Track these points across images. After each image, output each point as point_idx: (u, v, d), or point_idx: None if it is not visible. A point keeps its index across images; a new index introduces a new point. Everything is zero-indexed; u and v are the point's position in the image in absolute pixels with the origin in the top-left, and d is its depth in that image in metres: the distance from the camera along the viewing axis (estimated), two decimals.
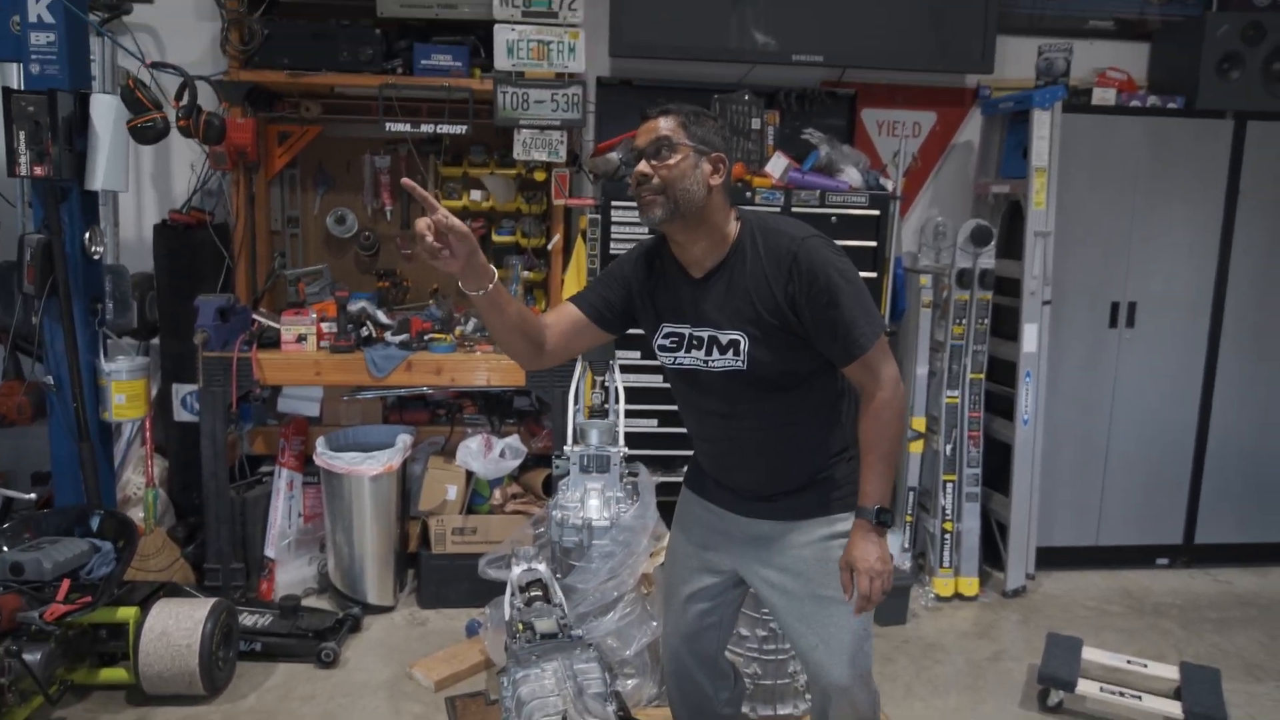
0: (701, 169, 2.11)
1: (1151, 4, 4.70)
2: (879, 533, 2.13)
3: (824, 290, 2.05)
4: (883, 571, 2.11)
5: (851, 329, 2.06)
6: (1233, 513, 4.69)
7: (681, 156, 2.09)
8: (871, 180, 4.11)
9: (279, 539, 3.97)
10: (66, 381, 3.54)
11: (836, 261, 2.08)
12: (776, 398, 2.20)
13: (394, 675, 3.46)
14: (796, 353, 2.15)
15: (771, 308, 2.11)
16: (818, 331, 2.09)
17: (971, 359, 4.28)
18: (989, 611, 4.20)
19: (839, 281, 2.05)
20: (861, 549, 2.13)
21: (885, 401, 2.11)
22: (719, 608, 2.46)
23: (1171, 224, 4.43)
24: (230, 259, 4.13)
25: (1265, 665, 3.79)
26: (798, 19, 4.17)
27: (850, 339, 2.07)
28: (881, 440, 2.12)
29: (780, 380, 2.18)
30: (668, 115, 2.13)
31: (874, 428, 2.13)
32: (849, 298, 2.06)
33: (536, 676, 2.40)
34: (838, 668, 2.24)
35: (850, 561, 2.14)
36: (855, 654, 2.25)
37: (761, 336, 2.13)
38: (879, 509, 2.12)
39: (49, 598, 3.03)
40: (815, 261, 2.07)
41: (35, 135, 3.31)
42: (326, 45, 3.87)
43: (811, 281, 2.06)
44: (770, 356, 2.15)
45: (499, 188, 4.27)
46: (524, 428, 4.28)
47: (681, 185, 2.08)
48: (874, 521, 2.12)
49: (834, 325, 2.07)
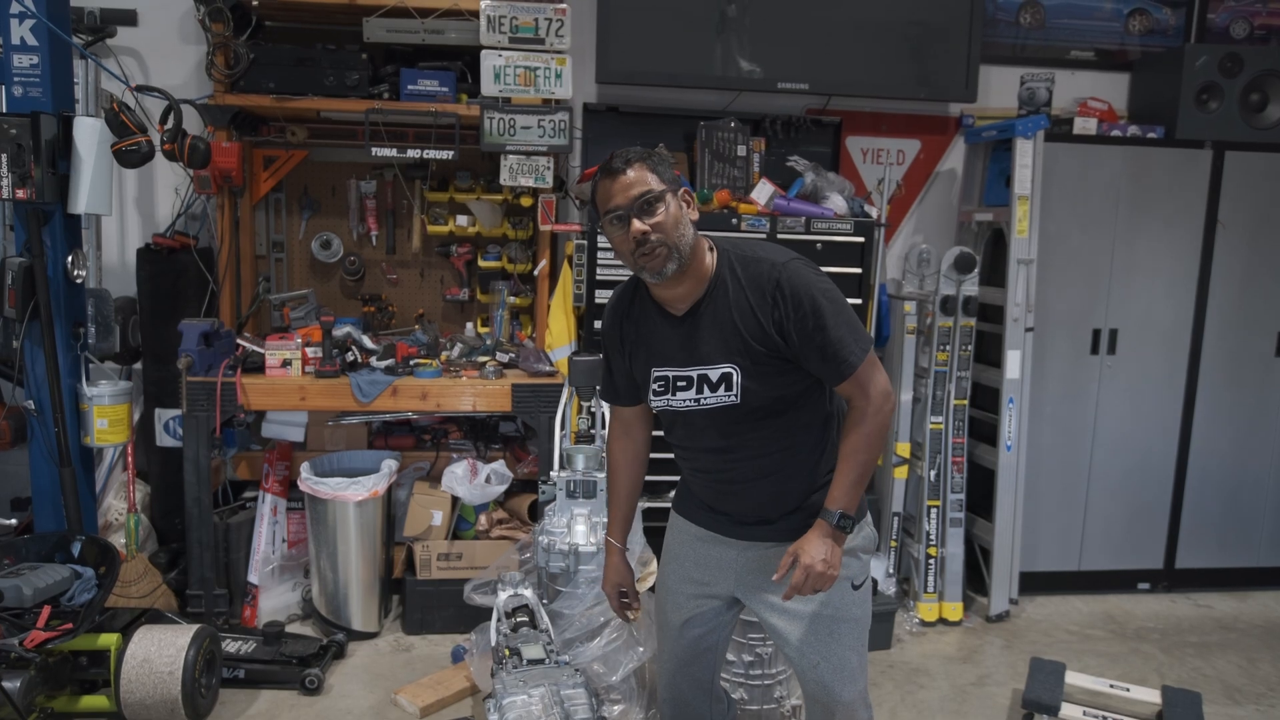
0: (683, 209, 2.14)
1: (1132, 35, 4.78)
2: (836, 536, 2.15)
3: (810, 314, 2.08)
4: (822, 574, 2.12)
5: (840, 349, 2.09)
6: (1212, 538, 4.73)
7: (667, 205, 2.10)
8: (856, 207, 4.15)
9: (263, 565, 3.94)
10: (48, 406, 3.51)
11: (819, 283, 2.11)
12: (770, 424, 2.22)
13: (379, 702, 3.43)
14: (786, 377, 2.17)
15: (760, 336, 2.12)
16: (807, 354, 2.12)
17: (955, 385, 4.30)
18: (973, 636, 4.21)
19: (823, 303, 2.08)
20: (812, 544, 2.14)
21: (870, 412, 2.14)
22: (714, 631, 2.45)
23: (1152, 252, 4.48)
24: (214, 283, 4.12)
25: (1245, 689, 3.81)
26: (783, 47, 4.21)
27: (840, 359, 2.10)
28: (859, 449, 2.15)
29: (773, 406, 2.19)
30: (633, 165, 2.10)
31: (855, 436, 2.16)
32: (834, 318, 2.08)
33: (523, 703, 2.41)
34: (840, 685, 2.28)
35: (797, 551, 2.16)
36: (857, 672, 2.29)
37: (752, 367, 2.15)
38: (841, 514, 2.14)
39: (29, 624, 2.99)
40: (798, 285, 2.09)
41: (18, 158, 3.29)
42: (312, 70, 3.87)
43: (797, 306, 2.08)
44: (761, 385, 2.16)
45: (485, 213, 4.28)
46: (510, 453, 4.27)
47: (678, 233, 2.09)
48: (833, 524, 2.15)
49: (823, 347, 2.09)
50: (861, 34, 4.27)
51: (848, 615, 2.29)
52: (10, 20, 3.31)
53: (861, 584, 2.32)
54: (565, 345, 4.03)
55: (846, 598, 2.28)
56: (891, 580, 4.25)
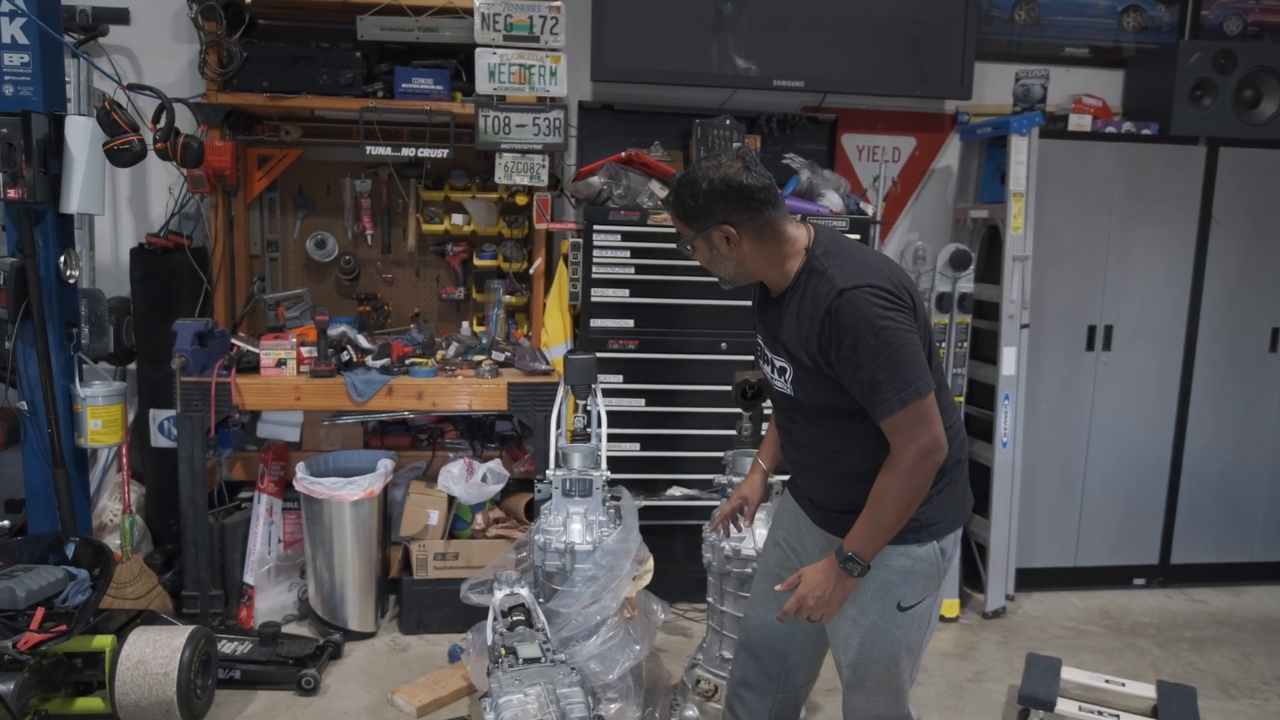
0: (717, 249, 2.16)
1: (1126, 32, 4.78)
2: (841, 575, 2.12)
3: (851, 349, 2.01)
4: (814, 607, 2.14)
5: (875, 392, 2.01)
6: (1207, 533, 4.74)
7: (696, 249, 2.20)
8: (852, 204, 4.15)
9: (258, 565, 3.93)
10: (41, 407, 3.49)
11: (874, 319, 2.00)
12: (825, 423, 2.21)
13: (375, 702, 3.42)
14: (832, 393, 2.13)
15: (809, 351, 2.11)
16: (848, 385, 2.07)
17: (951, 382, 4.30)
18: (969, 633, 4.22)
19: (870, 341, 1.99)
20: (815, 575, 2.15)
21: (897, 469, 2.05)
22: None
23: (1146, 248, 4.49)
24: (209, 283, 4.11)
25: (1239, 683, 3.82)
26: (779, 45, 4.21)
27: (873, 402, 2.03)
28: (883, 497, 2.07)
29: (827, 409, 2.18)
30: (669, 209, 2.23)
31: (881, 481, 2.08)
32: (877, 359, 1.99)
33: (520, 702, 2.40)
34: (861, 696, 2.30)
35: (801, 575, 2.18)
36: (883, 686, 2.28)
37: (801, 373, 2.16)
38: (850, 556, 2.10)
39: (23, 626, 2.97)
40: (848, 318, 2.01)
41: (9, 157, 3.26)
42: (306, 68, 3.85)
43: (840, 338, 2.02)
44: (810, 391, 2.17)
45: (481, 212, 4.27)
46: (506, 452, 4.27)
47: (714, 269, 2.22)
48: (841, 563, 2.11)
49: (861, 385, 2.04)
50: (857, 31, 4.27)
51: (886, 634, 2.24)
52: (1, 19, 3.28)
53: (911, 606, 2.23)
54: (561, 344, 4.02)
55: (889, 616, 2.22)
56: None
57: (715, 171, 2.11)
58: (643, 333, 3.97)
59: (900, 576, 2.19)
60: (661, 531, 3.85)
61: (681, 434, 4.03)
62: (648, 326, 3.98)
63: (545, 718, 2.32)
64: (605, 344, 3.95)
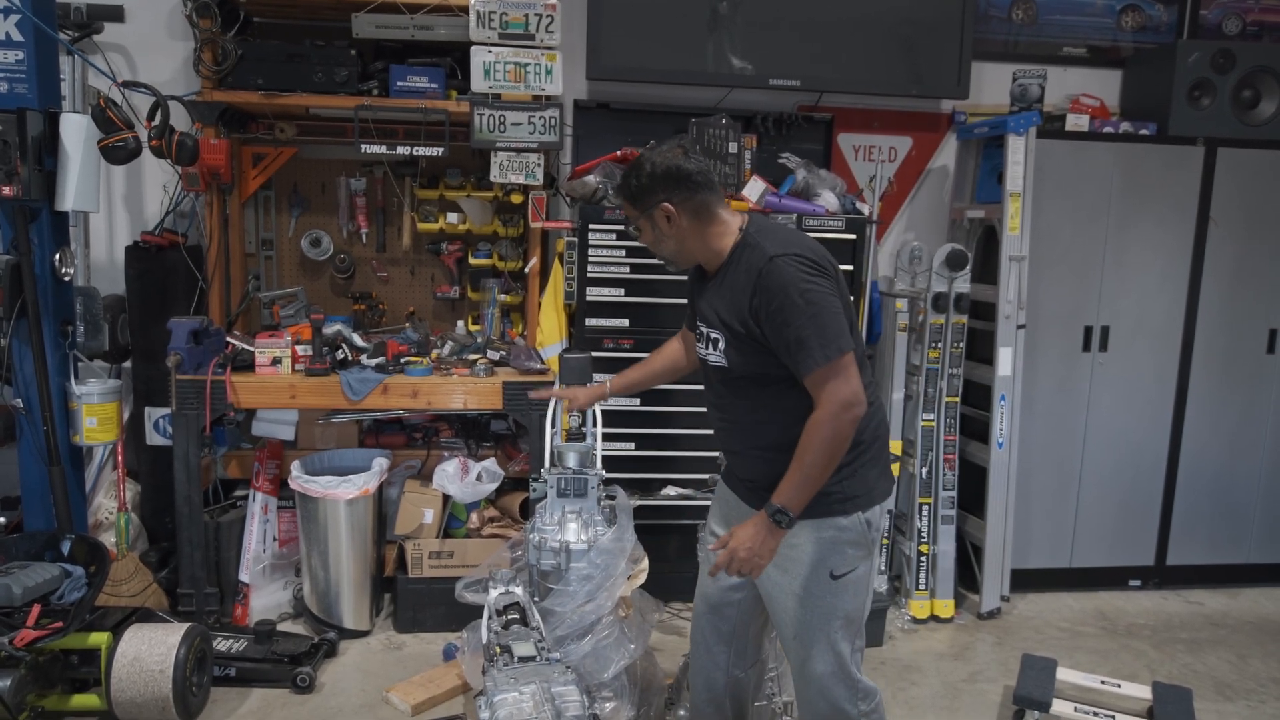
0: (659, 227, 2.40)
1: (1124, 31, 4.78)
2: (771, 529, 2.26)
3: (779, 309, 2.21)
4: (745, 559, 2.27)
5: (801, 349, 2.19)
6: (1203, 534, 4.74)
7: (643, 230, 2.45)
8: (848, 204, 4.14)
9: (254, 563, 3.93)
10: (36, 404, 3.49)
11: (799, 282, 2.21)
12: (752, 394, 2.39)
13: (370, 700, 3.42)
14: (761, 357, 2.31)
15: (740, 318, 2.30)
16: (776, 346, 2.25)
17: (947, 383, 4.30)
18: (964, 633, 4.22)
19: (797, 302, 2.19)
20: (745, 530, 2.30)
21: (820, 420, 2.21)
22: (737, 589, 2.65)
23: (1143, 249, 4.48)
24: (204, 281, 4.11)
25: (1235, 685, 3.82)
26: (775, 44, 4.20)
27: (799, 358, 2.21)
28: (805, 450, 2.23)
29: (756, 378, 2.36)
30: (618, 193, 2.50)
31: (805, 436, 2.24)
32: (803, 318, 2.19)
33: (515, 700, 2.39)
34: (809, 661, 2.46)
35: (731, 533, 2.33)
36: (827, 652, 2.44)
37: (733, 339, 2.35)
38: (779, 509, 2.24)
39: (19, 623, 2.98)
40: (776, 281, 2.22)
41: (4, 155, 3.25)
42: (301, 66, 3.84)
43: (769, 300, 2.22)
44: (741, 358, 2.35)
45: (476, 210, 4.26)
46: (501, 451, 4.26)
47: (658, 248, 2.46)
48: (770, 516, 2.25)
49: (787, 344, 2.22)
50: (853, 31, 4.26)
51: (822, 602, 2.41)
52: None
53: (843, 575, 2.41)
54: (556, 343, 4.02)
55: (823, 585, 2.40)
56: (883, 577, 4.25)
57: (658, 157, 2.39)
58: (638, 332, 3.96)
59: (830, 547, 2.38)
60: (656, 531, 3.85)
61: (676, 433, 4.03)
62: (643, 326, 3.97)
63: (540, 716, 2.32)
64: (600, 343, 3.95)
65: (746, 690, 2.86)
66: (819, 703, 2.50)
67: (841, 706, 2.49)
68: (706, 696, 2.81)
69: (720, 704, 2.80)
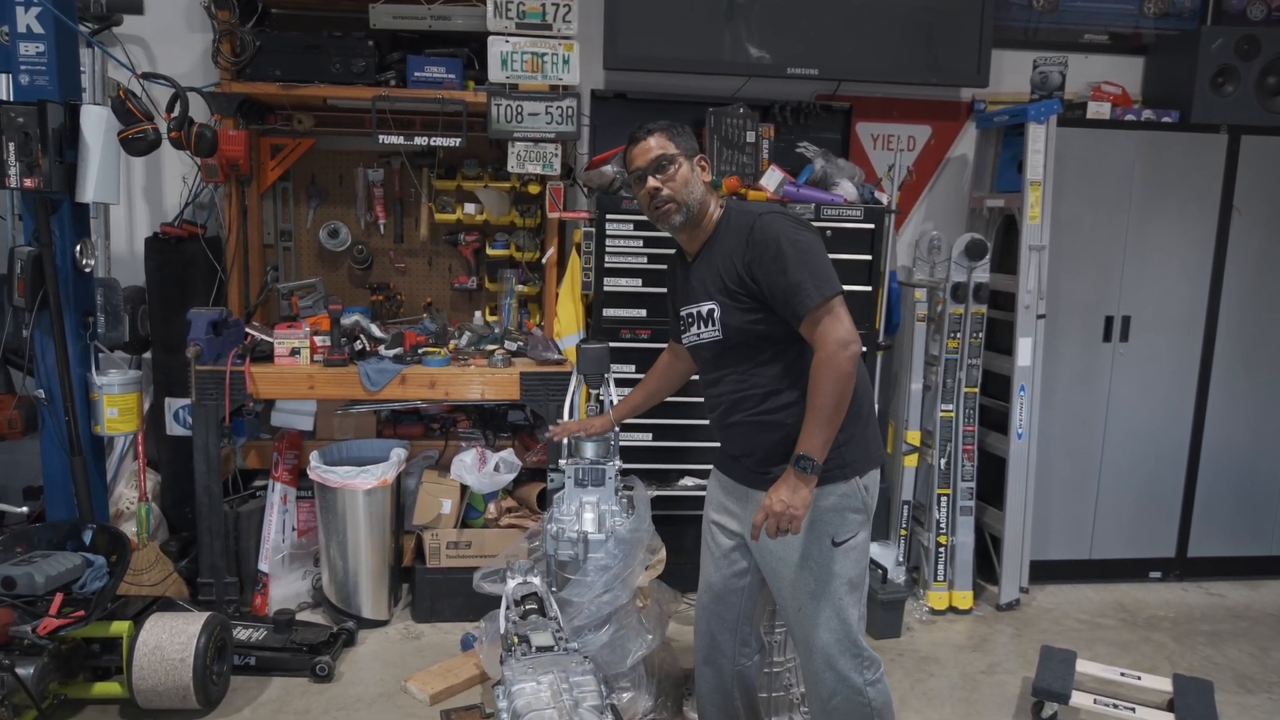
0: (696, 172, 2.51)
1: (1146, 18, 4.73)
2: (801, 478, 2.31)
3: (774, 256, 2.33)
4: (780, 512, 2.30)
5: (797, 290, 2.30)
6: (1225, 526, 4.70)
7: (680, 166, 2.49)
8: (866, 194, 4.12)
9: (273, 553, 3.96)
10: (58, 395, 3.52)
11: (790, 232, 2.36)
12: (743, 364, 2.48)
13: (389, 689, 3.44)
14: (757, 315, 2.41)
15: (734, 277, 2.41)
16: (772, 295, 2.35)
17: (966, 373, 4.28)
18: (983, 625, 4.20)
19: (788, 249, 2.32)
20: (776, 489, 2.34)
21: (823, 360, 2.29)
22: (740, 575, 2.69)
23: (1165, 238, 4.44)
24: (223, 272, 4.12)
25: (1257, 677, 3.80)
26: (792, 33, 4.17)
27: (795, 299, 2.31)
28: (814, 394, 2.30)
29: (754, 344, 2.45)
30: (654, 134, 2.51)
31: (812, 383, 2.31)
32: (796, 262, 2.31)
33: (533, 690, 2.40)
34: (813, 631, 2.50)
35: (766, 496, 2.37)
36: (833, 622, 2.49)
37: (729, 303, 2.44)
38: (800, 456, 2.30)
39: (42, 612, 3.02)
40: (768, 231, 2.36)
41: (25, 147, 3.28)
42: (319, 57, 3.85)
43: (763, 249, 2.35)
44: (738, 321, 2.43)
45: (493, 201, 4.26)
46: (519, 441, 4.27)
47: (687, 190, 2.49)
48: (795, 466, 2.31)
49: (783, 289, 2.32)
50: (871, 18, 4.23)
51: (825, 569, 2.47)
52: (16, 8, 3.29)
53: (844, 541, 2.48)
54: (574, 333, 4.02)
55: (825, 552, 2.46)
56: (901, 569, 4.24)
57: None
58: (655, 322, 3.95)
59: (832, 513, 2.45)
60: (674, 521, 3.84)
61: (693, 424, 4.02)
62: (660, 316, 3.96)
63: (558, 706, 2.32)
64: (618, 333, 3.94)
65: (753, 679, 2.86)
66: (826, 674, 2.52)
67: (848, 676, 2.52)
68: (714, 684, 2.82)
69: (728, 693, 2.82)
